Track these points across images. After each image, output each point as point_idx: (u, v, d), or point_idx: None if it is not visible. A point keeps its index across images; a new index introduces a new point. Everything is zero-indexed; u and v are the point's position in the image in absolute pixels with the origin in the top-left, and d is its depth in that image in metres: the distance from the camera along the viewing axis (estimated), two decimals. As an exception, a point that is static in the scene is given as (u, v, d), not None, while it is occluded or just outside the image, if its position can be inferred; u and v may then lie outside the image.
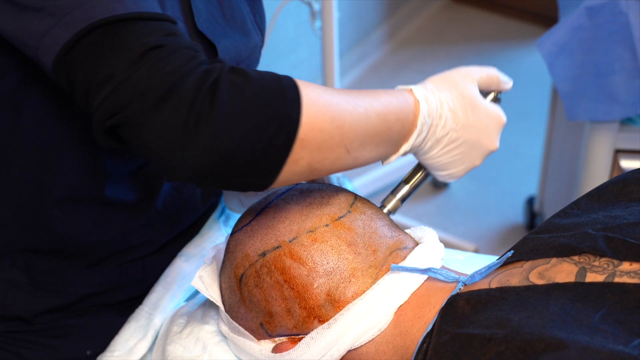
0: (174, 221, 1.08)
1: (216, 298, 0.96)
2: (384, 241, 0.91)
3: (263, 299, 0.89)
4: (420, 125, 0.91)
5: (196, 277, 0.96)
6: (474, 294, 0.81)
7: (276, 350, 0.89)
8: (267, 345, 0.90)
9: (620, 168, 1.64)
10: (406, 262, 0.90)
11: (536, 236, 0.87)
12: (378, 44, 3.04)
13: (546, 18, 2.89)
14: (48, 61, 0.79)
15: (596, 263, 0.80)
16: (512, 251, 0.86)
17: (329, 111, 0.81)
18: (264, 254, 0.90)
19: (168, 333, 0.99)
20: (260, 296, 0.89)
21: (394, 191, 1.03)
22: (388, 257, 0.90)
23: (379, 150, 0.88)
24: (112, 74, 0.75)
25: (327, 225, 0.90)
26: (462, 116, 0.94)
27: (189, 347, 0.97)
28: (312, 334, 0.87)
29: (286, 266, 0.88)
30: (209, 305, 1.02)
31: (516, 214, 2.38)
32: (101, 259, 1.02)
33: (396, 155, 0.92)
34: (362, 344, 0.87)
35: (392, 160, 0.93)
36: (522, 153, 2.57)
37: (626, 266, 0.79)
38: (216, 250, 1.00)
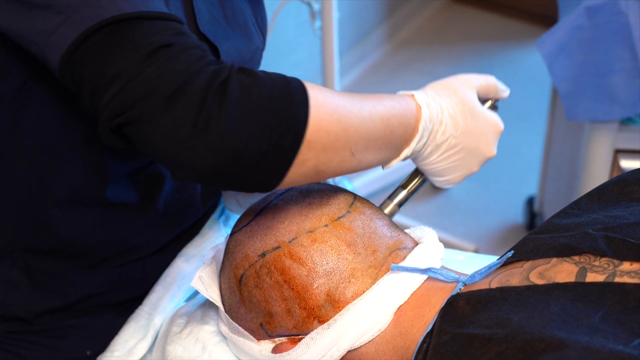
0: (175, 222, 1.08)
1: (216, 298, 0.96)
2: (384, 241, 0.91)
3: (263, 300, 0.89)
4: (421, 130, 0.91)
5: (196, 278, 0.96)
6: (474, 294, 0.81)
7: (276, 350, 0.89)
8: (267, 345, 0.90)
9: (620, 168, 1.63)
10: (406, 262, 0.90)
11: (536, 236, 0.87)
12: (378, 44, 3.04)
13: (546, 18, 2.89)
14: (55, 60, 0.78)
15: (596, 263, 0.80)
16: (513, 251, 0.86)
17: (336, 113, 0.81)
18: (264, 255, 0.89)
19: (168, 333, 0.99)
20: (260, 297, 0.89)
21: (392, 196, 1.03)
22: (388, 257, 0.90)
23: (382, 153, 0.89)
24: (121, 72, 0.74)
25: (327, 225, 0.90)
26: (462, 123, 0.95)
27: (189, 347, 0.97)
28: (312, 335, 0.87)
29: (286, 266, 0.88)
30: (209, 305, 1.02)
31: (516, 214, 2.38)
32: (101, 260, 1.02)
33: (397, 159, 0.93)
34: (362, 344, 0.87)
35: (393, 164, 0.94)
36: (522, 153, 2.56)
37: (626, 266, 0.79)
38: (215, 250, 1.00)
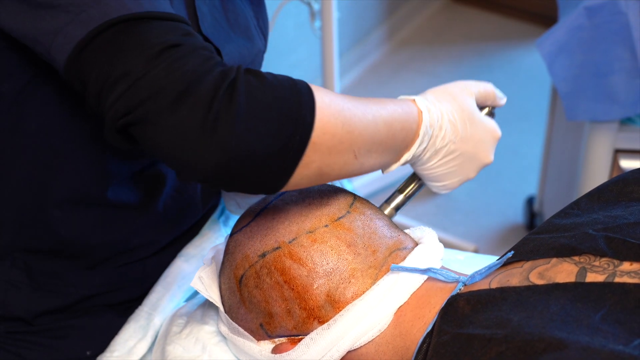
0: (175, 223, 1.08)
1: (216, 299, 0.95)
2: (384, 241, 0.91)
3: (263, 300, 0.89)
4: (422, 135, 0.91)
5: (195, 278, 0.96)
6: (474, 294, 0.81)
7: (276, 351, 0.89)
8: (267, 346, 0.90)
9: (619, 168, 1.63)
10: (406, 263, 0.90)
11: (536, 236, 0.87)
12: (377, 44, 3.04)
13: (546, 18, 2.88)
14: (61, 59, 0.78)
15: (596, 263, 0.80)
16: (513, 252, 0.86)
17: (341, 116, 0.81)
18: (264, 255, 0.89)
19: (167, 333, 0.99)
20: (260, 297, 0.89)
21: (389, 200, 1.03)
22: (388, 258, 0.90)
23: (383, 157, 0.89)
24: (129, 72, 0.74)
25: (327, 225, 0.90)
26: (461, 129, 0.95)
27: (189, 348, 0.97)
28: (312, 335, 0.87)
29: (286, 267, 0.88)
30: (209, 305, 1.02)
31: (516, 214, 2.38)
32: (102, 260, 1.02)
33: (397, 164, 0.93)
34: (362, 345, 0.87)
35: (393, 169, 0.94)
36: (522, 153, 2.56)
37: (626, 266, 0.79)
38: (215, 251, 1.00)
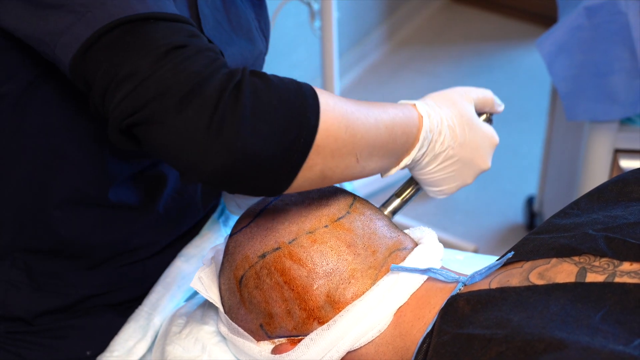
0: (175, 223, 1.08)
1: (215, 299, 0.95)
2: (384, 242, 0.91)
3: (263, 301, 0.89)
4: (422, 139, 0.92)
5: (195, 278, 0.96)
6: (474, 295, 0.81)
7: (275, 351, 0.89)
8: (267, 346, 0.90)
9: (619, 168, 1.63)
10: (405, 263, 0.90)
11: (536, 236, 0.87)
12: (377, 44, 3.04)
13: (545, 18, 2.88)
14: (66, 59, 0.78)
15: (596, 263, 0.80)
16: (513, 252, 0.86)
17: (344, 119, 0.81)
18: (264, 256, 0.89)
19: (167, 333, 0.99)
20: (260, 297, 0.89)
21: (385, 204, 1.03)
22: (387, 258, 0.90)
23: (384, 161, 0.89)
24: (134, 72, 0.74)
25: (327, 226, 0.90)
26: (460, 134, 0.96)
27: (188, 348, 0.97)
28: (312, 336, 0.87)
29: (286, 267, 0.88)
30: (208, 305, 1.02)
31: (516, 214, 2.38)
32: (102, 260, 1.02)
33: (396, 168, 0.93)
34: (362, 345, 0.87)
35: (392, 173, 0.94)
36: (522, 153, 2.56)
37: (626, 266, 0.79)
38: (215, 251, 1.00)
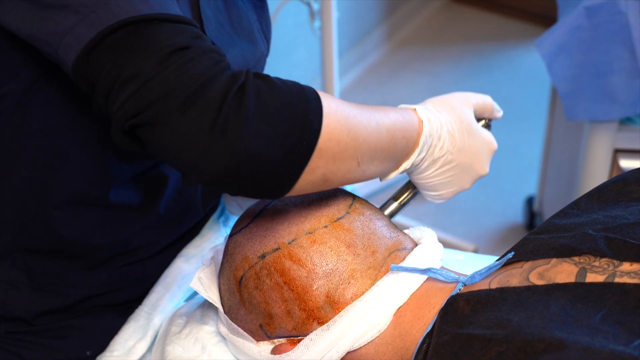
0: (176, 224, 1.08)
1: (215, 300, 0.95)
2: (383, 242, 0.91)
3: (263, 301, 0.89)
4: (421, 144, 0.92)
5: (195, 279, 0.96)
6: (474, 295, 0.81)
7: (275, 351, 0.89)
8: (266, 346, 0.90)
9: (619, 168, 1.63)
10: (405, 263, 0.90)
11: (536, 236, 0.87)
12: (377, 44, 3.04)
13: (545, 18, 2.89)
14: (69, 59, 0.78)
15: (596, 263, 0.80)
16: (513, 252, 0.86)
17: (347, 123, 0.81)
18: (264, 256, 0.89)
19: (167, 333, 0.99)
20: (260, 298, 0.89)
21: (383, 207, 1.03)
22: (387, 258, 0.90)
23: (384, 165, 0.89)
24: (138, 73, 0.74)
25: (326, 226, 0.90)
26: (459, 139, 0.96)
27: (188, 348, 0.97)
28: (311, 336, 0.87)
29: (286, 268, 0.88)
30: (208, 305, 1.02)
31: (516, 214, 2.38)
32: (102, 261, 1.02)
33: (396, 172, 0.93)
34: (362, 346, 0.87)
35: (391, 177, 0.94)
36: (522, 153, 2.56)
37: (626, 266, 0.79)
38: (214, 251, 1.00)
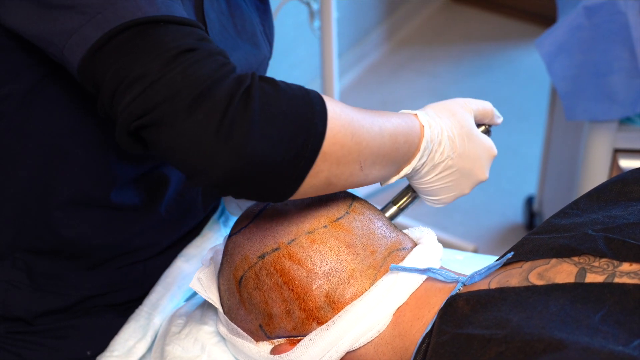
0: (177, 225, 1.08)
1: (214, 300, 0.95)
2: (383, 242, 0.91)
3: (263, 301, 0.89)
4: (422, 149, 0.92)
5: (194, 279, 0.96)
6: (474, 295, 0.81)
7: (275, 351, 0.89)
8: (266, 346, 0.90)
9: (619, 167, 1.63)
10: (405, 263, 0.90)
11: (536, 237, 0.87)
12: (377, 44, 3.04)
13: (545, 18, 2.89)
14: (75, 60, 0.78)
15: (596, 264, 0.80)
16: (512, 252, 0.86)
17: (351, 127, 0.81)
18: (263, 256, 0.89)
19: (167, 333, 0.99)
20: (259, 298, 0.89)
21: (382, 211, 1.03)
22: (387, 258, 0.90)
23: (385, 170, 0.89)
24: (144, 74, 0.74)
25: (326, 226, 0.90)
26: (459, 145, 0.96)
27: (188, 348, 0.97)
28: (311, 336, 0.87)
29: (285, 268, 0.88)
30: (208, 305, 1.02)
31: (515, 214, 2.38)
32: (103, 261, 1.02)
33: (396, 177, 0.93)
34: (361, 346, 0.87)
35: (391, 182, 0.94)
36: (522, 153, 2.56)
37: (626, 267, 0.79)
38: (214, 251, 1.00)
